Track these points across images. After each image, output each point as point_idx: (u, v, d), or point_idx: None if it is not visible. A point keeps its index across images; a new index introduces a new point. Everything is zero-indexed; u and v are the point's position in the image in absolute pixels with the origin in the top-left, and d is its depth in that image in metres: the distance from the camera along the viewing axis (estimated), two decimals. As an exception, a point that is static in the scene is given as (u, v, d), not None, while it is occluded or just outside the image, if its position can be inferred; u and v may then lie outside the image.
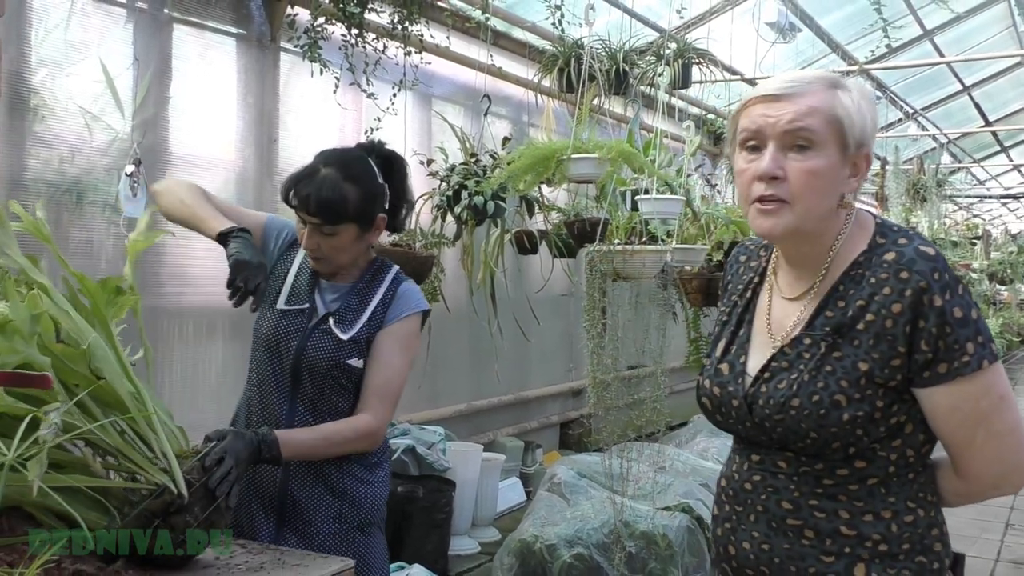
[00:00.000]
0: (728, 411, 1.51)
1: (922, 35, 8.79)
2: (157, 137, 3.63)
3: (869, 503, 1.41)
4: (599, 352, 3.23)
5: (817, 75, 1.44)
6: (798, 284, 1.49)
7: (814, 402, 1.38)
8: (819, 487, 1.42)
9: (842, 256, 1.45)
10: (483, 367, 5.36)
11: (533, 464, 5.91)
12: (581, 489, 4.17)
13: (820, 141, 1.38)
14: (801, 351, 1.43)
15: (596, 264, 3.27)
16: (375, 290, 2.14)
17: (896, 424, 1.40)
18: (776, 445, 1.46)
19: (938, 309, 1.34)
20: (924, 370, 1.36)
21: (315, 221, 2.03)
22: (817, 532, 1.41)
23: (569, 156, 3.07)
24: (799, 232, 1.43)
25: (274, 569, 1.70)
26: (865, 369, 1.37)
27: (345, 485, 2.09)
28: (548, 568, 3.84)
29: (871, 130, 1.43)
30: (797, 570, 1.42)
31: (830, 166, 1.39)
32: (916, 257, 1.36)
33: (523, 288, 5.25)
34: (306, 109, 4.33)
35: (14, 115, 3.14)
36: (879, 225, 1.47)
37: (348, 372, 2.07)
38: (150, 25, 3.60)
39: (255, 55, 4.10)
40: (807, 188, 1.39)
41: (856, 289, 1.41)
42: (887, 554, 1.40)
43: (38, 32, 3.21)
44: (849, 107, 1.40)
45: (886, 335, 1.36)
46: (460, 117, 5.24)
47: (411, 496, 4.22)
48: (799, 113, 1.38)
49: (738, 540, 1.49)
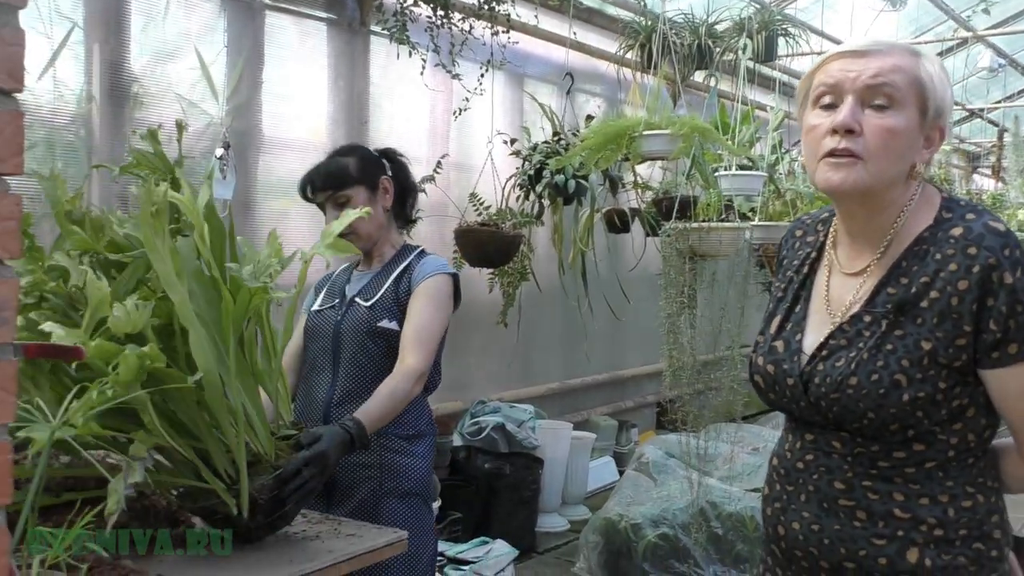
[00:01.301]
0: (783, 389, 1.46)
1: (1051, -3, 8.28)
2: (250, 121, 3.76)
3: (926, 486, 1.36)
4: (675, 332, 3.19)
5: (898, 42, 1.41)
6: (859, 258, 1.44)
7: (873, 381, 1.33)
8: (874, 468, 1.38)
9: (906, 230, 1.39)
10: (576, 346, 5.37)
11: (627, 444, 5.90)
12: (669, 469, 4.14)
13: (901, 100, 1.34)
14: (861, 328, 1.39)
15: (673, 242, 3.22)
16: (399, 264, 2.31)
17: (958, 407, 1.34)
18: (832, 425, 1.41)
19: (1009, 287, 1.28)
20: (993, 350, 1.30)
21: (327, 193, 2.26)
22: (870, 514, 1.37)
23: (641, 133, 3.03)
24: (868, 192, 1.37)
25: (329, 538, 1.76)
26: (928, 348, 1.32)
27: (383, 457, 2.17)
28: (633, 547, 3.83)
29: (949, 104, 1.39)
30: (847, 552, 1.39)
31: (909, 127, 1.35)
32: (985, 232, 1.31)
33: (615, 267, 5.22)
34: (396, 91, 4.40)
35: (114, 103, 3.30)
36: (946, 200, 1.41)
37: (381, 335, 2.20)
38: (244, 13, 3.72)
39: (346, 39, 4.18)
40: (883, 146, 1.34)
41: (920, 265, 1.35)
42: (942, 539, 1.35)
43: (137, 22, 3.36)
44: (933, 74, 1.36)
45: (951, 313, 1.31)
46: (553, 97, 5.23)
47: (499, 472, 4.27)
48: (883, 69, 1.34)
49: (788, 520, 1.46)
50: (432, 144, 4.66)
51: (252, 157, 3.77)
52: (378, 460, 2.17)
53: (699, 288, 3.38)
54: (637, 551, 3.80)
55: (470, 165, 4.66)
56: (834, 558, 1.40)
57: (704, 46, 4.64)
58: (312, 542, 1.73)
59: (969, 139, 11.91)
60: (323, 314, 2.32)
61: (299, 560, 1.64)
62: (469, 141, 4.70)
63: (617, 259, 5.30)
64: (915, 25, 7.89)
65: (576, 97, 5.20)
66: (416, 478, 2.20)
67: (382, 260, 2.34)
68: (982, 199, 9.90)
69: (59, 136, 3.15)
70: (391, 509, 2.10)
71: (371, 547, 1.75)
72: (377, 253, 2.35)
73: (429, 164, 4.36)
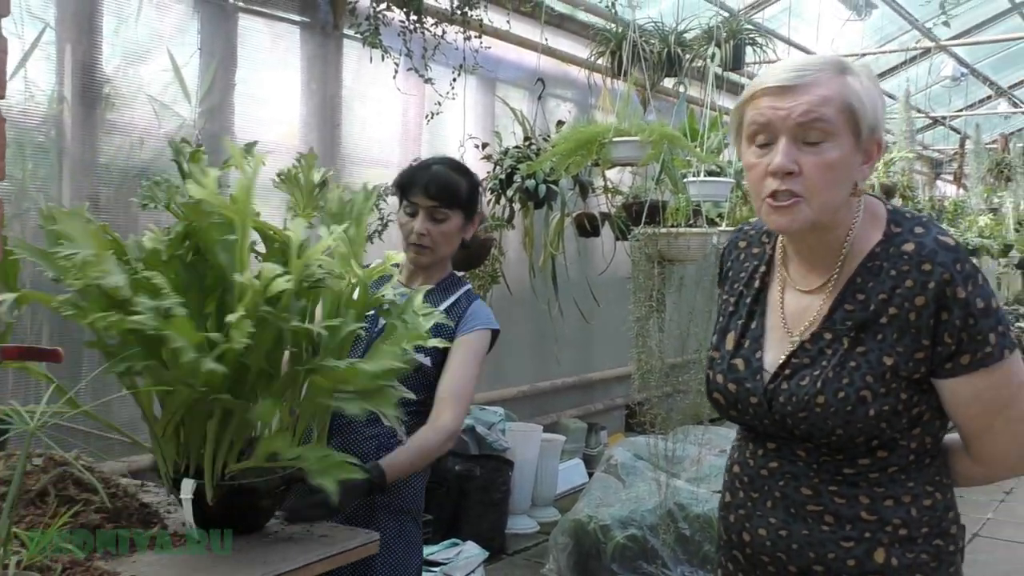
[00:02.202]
0: (746, 407, 1.48)
1: (1010, 8, 8.45)
2: (223, 123, 3.76)
3: (890, 488, 1.41)
4: (644, 336, 3.23)
5: (823, 60, 1.38)
6: (813, 276, 1.46)
7: (840, 399, 1.37)
8: (839, 475, 1.42)
9: (857, 247, 1.42)
10: (546, 349, 5.41)
11: (597, 446, 5.94)
12: (638, 471, 4.18)
13: (835, 131, 1.34)
14: (823, 346, 1.41)
15: (642, 247, 3.26)
16: (446, 297, 2.24)
17: (917, 414, 1.40)
18: (789, 437, 1.44)
19: (962, 301, 1.32)
20: (947, 362, 1.35)
21: (432, 204, 2.19)
22: (837, 518, 1.41)
23: (611, 139, 3.07)
24: (818, 224, 1.39)
25: (302, 540, 1.77)
26: (890, 363, 1.36)
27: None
28: (602, 548, 3.87)
29: (881, 114, 1.39)
30: (816, 555, 1.42)
31: (845, 155, 1.35)
32: (937, 248, 1.34)
33: (585, 271, 5.27)
34: (369, 95, 4.42)
35: (86, 104, 3.29)
36: (891, 213, 1.43)
37: (417, 368, 2.10)
38: (217, 15, 3.72)
39: (319, 42, 4.19)
40: (823, 181, 1.34)
41: (876, 281, 1.38)
42: (907, 538, 1.40)
43: (109, 23, 3.36)
44: (860, 92, 1.36)
45: (910, 328, 1.35)
46: (524, 101, 5.27)
47: (469, 475, 4.30)
48: (812, 104, 1.33)
49: (754, 526, 1.48)
50: (404, 148, 4.68)
51: (224, 159, 3.76)
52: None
53: (668, 292, 3.43)
54: (606, 552, 3.84)
55: (442, 169, 4.67)
56: (803, 562, 1.43)
57: (673, 53, 4.71)
58: (285, 543, 1.75)
59: (932, 146, 12.12)
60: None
61: (272, 561, 1.65)
62: (441, 145, 4.72)
63: (587, 263, 5.35)
64: (880, 34, 8.03)
65: (547, 102, 5.25)
66: (409, 496, 2.18)
67: (428, 280, 2.24)
68: (944, 205, 10.08)
69: (30, 137, 3.14)
70: (382, 524, 2.06)
71: (343, 548, 1.77)
72: (427, 272, 2.28)
73: (401, 168, 4.34)
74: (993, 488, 6.05)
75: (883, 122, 1.41)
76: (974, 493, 5.89)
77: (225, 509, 1.67)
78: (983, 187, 9.69)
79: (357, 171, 4.42)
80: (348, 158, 4.39)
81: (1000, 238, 10.51)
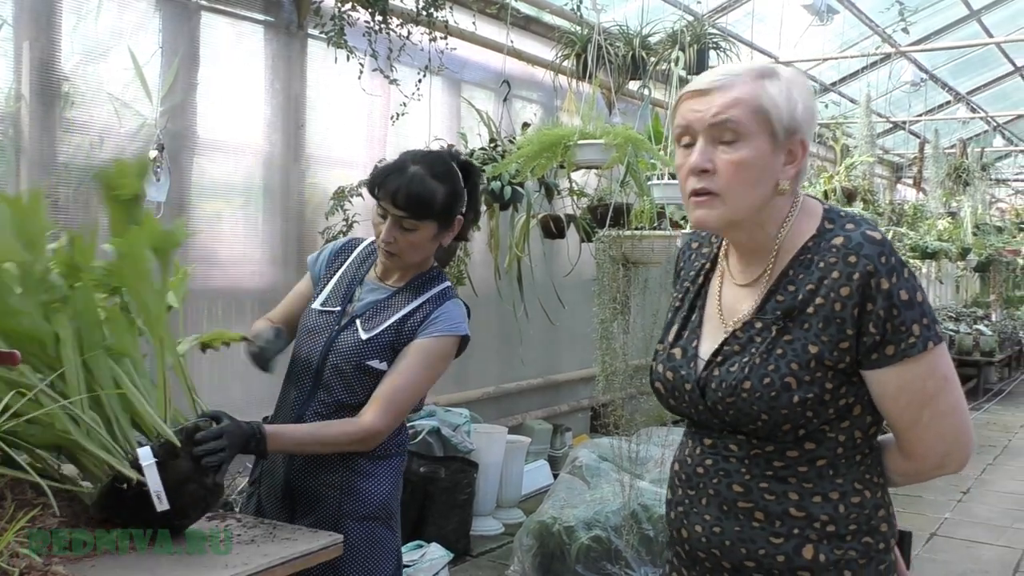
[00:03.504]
0: (682, 395, 1.53)
1: (969, 15, 8.61)
2: (185, 123, 3.72)
3: (818, 484, 1.44)
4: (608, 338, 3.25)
5: (747, 66, 1.46)
6: (749, 271, 1.52)
7: (765, 384, 1.41)
8: (769, 469, 1.45)
9: (790, 242, 1.47)
10: (511, 351, 5.41)
11: (562, 447, 5.96)
12: (602, 472, 4.20)
13: (746, 132, 1.40)
14: (752, 335, 1.46)
15: (606, 249, 3.28)
16: (415, 297, 2.14)
17: (845, 405, 1.43)
18: (728, 428, 1.48)
19: (885, 292, 1.36)
20: (872, 352, 1.39)
21: (400, 214, 2.05)
22: (767, 514, 1.44)
23: (576, 142, 3.08)
24: (733, 222, 1.46)
25: (264, 543, 1.76)
26: (815, 352, 1.40)
27: (345, 477, 2.10)
28: (566, 550, 3.88)
29: (804, 117, 1.44)
30: (747, 552, 1.45)
31: (758, 156, 1.41)
32: (864, 241, 1.39)
33: (550, 272, 5.28)
34: (333, 95, 4.40)
35: (44, 102, 3.24)
36: (827, 211, 1.49)
37: (370, 373, 2.08)
38: (179, 13, 3.69)
39: (283, 42, 4.17)
40: (735, 179, 1.41)
41: (805, 274, 1.43)
42: (835, 534, 1.43)
43: (68, 20, 3.31)
44: (776, 96, 1.41)
45: (835, 318, 1.39)
46: (490, 103, 5.27)
47: (433, 476, 4.29)
48: (723, 105, 1.41)
49: (691, 523, 1.52)
50: (369, 148, 4.66)
51: (186, 159, 3.74)
52: (340, 480, 2.10)
53: (632, 294, 3.45)
54: (570, 554, 3.85)
55: (407, 170, 4.66)
56: (735, 558, 1.47)
57: (638, 57, 4.74)
58: (247, 546, 1.74)
59: (893, 150, 12.31)
60: (322, 319, 2.18)
61: (233, 564, 1.64)
62: (406, 146, 4.64)
63: (552, 264, 5.37)
64: (841, 39, 8.13)
65: (513, 103, 5.26)
66: (376, 503, 2.12)
67: (403, 279, 2.18)
68: (904, 209, 10.24)
69: (-14, 135, 3.09)
70: (349, 530, 2.03)
71: (305, 551, 1.77)
72: (401, 268, 2.19)
73: (366, 169, 4.36)
74: (950, 488, 6.16)
75: (808, 125, 1.45)
76: (931, 493, 6.00)
77: (192, 459, 1.71)
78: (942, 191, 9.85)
79: (321, 172, 4.40)
80: (312, 159, 4.36)
81: (958, 241, 10.70)
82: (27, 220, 1.65)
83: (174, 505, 1.67)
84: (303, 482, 2.12)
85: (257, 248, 4.10)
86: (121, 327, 1.73)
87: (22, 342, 1.65)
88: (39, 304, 1.65)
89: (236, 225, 4.05)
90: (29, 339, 1.66)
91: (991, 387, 10.83)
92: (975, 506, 5.79)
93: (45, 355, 1.68)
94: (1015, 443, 7.81)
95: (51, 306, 1.67)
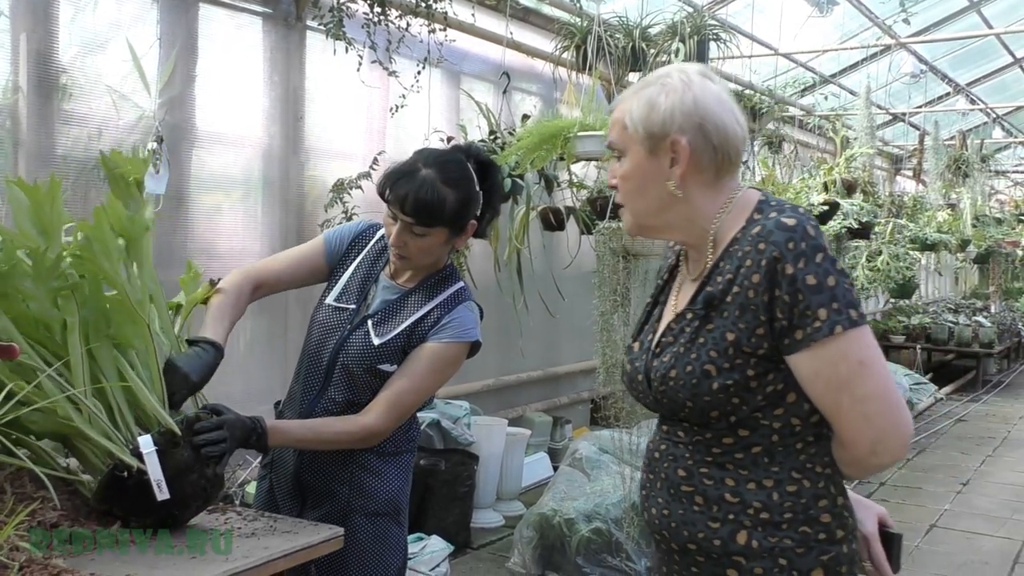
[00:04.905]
0: (636, 386, 1.59)
1: (968, 6, 8.58)
2: (183, 115, 3.71)
3: (753, 472, 1.46)
4: (609, 330, 3.24)
5: (642, 81, 1.55)
6: (696, 266, 1.57)
7: (688, 372, 1.46)
8: (709, 456, 1.49)
9: (722, 235, 1.51)
10: (511, 343, 5.41)
11: (562, 439, 5.96)
12: (602, 464, 4.20)
13: (623, 148, 1.52)
14: (684, 325, 1.51)
15: (606, 241, 3.27)
16: (428, 300, 2.10)
17: (775, 392, 1.44)
18: (668, 415, 1.54)
19: (790, 277, 1.38)
20: (784, 337, 1.41)
21: (409, 220, 1.99)
22: (706, 499, 1.48)
23: (575, 134, 3.07)
24: (644, 227, 1.56)
25: (265, 535, 1.76)
26: (732, 339, 1.43)
27: (354, 474, 2.10)
28: (567, 542, 3.89)
29: (680, 118, 1.46)
30: (689, 534, 1.49)
31: (636, 165, 1.51)
32: (774, 228, 1.41)
33: (550, 265, 5.27)
34: (332, 87, 4.38)
35: (42, 94, 3.23)
36: (761, 202, 1.51)
37: (380, 376, 2.07)
38: (177, 4, 3.67)
39: (281, 33, 4.15)
40: (624, 190, 1.54)
41: (730, 264, 1.47)
42: (768, 522, 1.44)
43: (66, 12, 3.30)
44: (635, 108, 1.49)
45: (749, 305, 1.42)
46: (489, 95, 5.26)
47: (433, 469, 4.29)
48: (609, 129, 1.57)
49: (649, 505, 1.58)
50: (368, 141, 4.65)
51: (185, 151, 3.73)
52: (348, 476, 2.09)
53: (632, 287, 3.44)
54: (571, 546, 3.85)
55: (406, 162, 4.66)
56: (680, 540, 1.51)
57: (638, 48, 4.72)
58: (248, 539, 1.74)
59: (892, 142, 12.29)
60: (335, 315, 2.14)
61: (234, 557, 1.64)
62: (406, 138, 4.70)
63: (552, 257, 5.36)
64: (841, 31, 8.12)
65: (512, 96, 5.24)
66: (385, 499, 2.11)
67: (415, 278, 2.13)
68: (904, 201, 10.23)
69: (-16, 128, 3.08)
70: (358, 525, 2.05)
71: (307, 544, 1.76)
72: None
73: (365, 161, 4.36)
74: (950, 480, 6.17)
75: (684, 125, 1.46)
76: (931, 485, 6.01)
77: (193, 449, 1.72)
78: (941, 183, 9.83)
79: (321, 164, 4.39)
80: (311, 151, 4.35)
81: (958, 233, 10.69)
82: (44, 208, 1.67)
83: (175, 495, 1.66)
84: (313, 476, 2.12)
85: (256, 240, 4.09)
86: (126, 317, 1.73)
87: (30, 327, 1.66)
88: (50, 290, 1.67)
89: (235, 217, 4.04)
90: (37, 324, 1.68)
91: (990, 378, 10.84)
92: (975, 497, 5.79)
93: (52, 342, 1.69)
94: (1014, 434, 7.81)
95: (61, 293, 1.68)
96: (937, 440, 7.54)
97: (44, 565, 1.46)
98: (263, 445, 1.88)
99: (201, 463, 1.72)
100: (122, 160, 1.84)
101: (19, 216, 1.68)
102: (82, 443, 1.70)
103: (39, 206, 1.67)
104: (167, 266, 2.86)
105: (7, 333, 1.60)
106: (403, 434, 2.15)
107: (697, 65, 1.57)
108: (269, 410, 2.26)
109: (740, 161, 1.54)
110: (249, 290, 2.12)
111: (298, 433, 2.00)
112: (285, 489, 2.16)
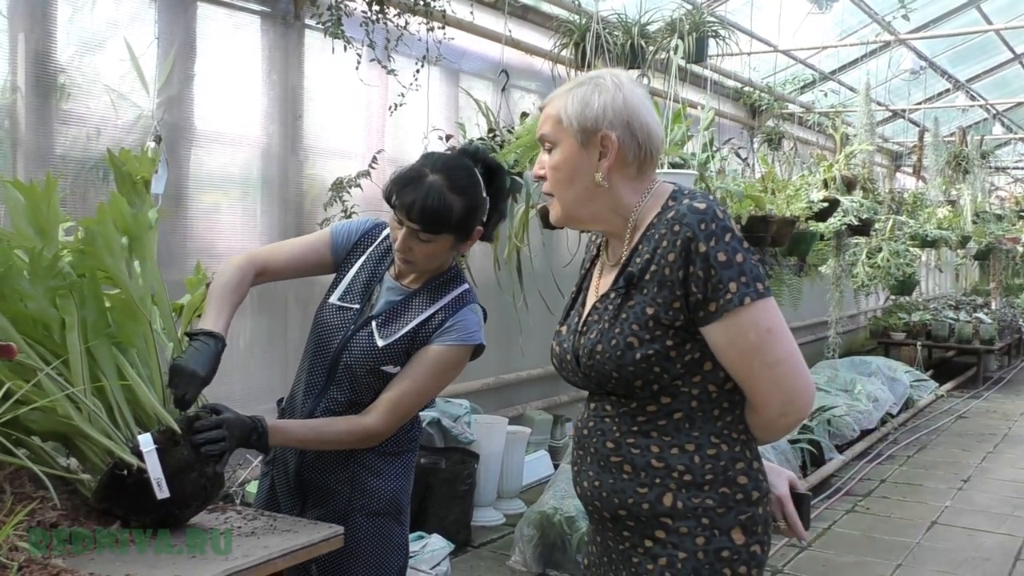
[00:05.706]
0: (565, 366, 1.71)
1: (968, 2, 8.57)
2: (182, 114, 3.71)
3: (675, 437, 1.58)
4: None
5: (574, 81, 1.66)
6: (615, 253, 1.68)
7: (612, 345, 1.58)
8: (635, 425, 1.60)
9: (640, 223, 1.63)
10: (511, 341, 5.41)
11: (562, 437, 5.95)
12: (603, 462, 4.20)
13: (555, 140, 1.63)
14: (608, 304, 1.63)
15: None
16: (432, 303, 2.10)
17: (692, 360, 1.57)
18: (596, 389, 1.65)
19: (703, 255, 1.51)
20: (699, 310, 1.53)
21: (415, 227, 1.99)
22: (634, 467, 1.59)
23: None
24: (572, 218, 1.66)
25: (264, 534, 1.76)
26: (652, 313, 1.56)
27: (355, 473, 2.10)
28: (567, 540, 3.89)
29: (611, 115, 1.59)
30: (619, 502, 1.61)
31: (566, 157, 1.62)
32: (687, 212, 1.55)
33: (550, 262, 5.27)
34: (331, 86, 4.38)
35: (40, 93, 3.23)
36: (674, 192, 1.64)
37: (383, 377, 2.07)
38: (175, 4, 3.67)
39: (280, 32, 4.15)
40: (553, 180, 1.64)
41: (647, 246, 1.60)
42: (691, 483, 1.57)
43: (64, 11, 3.29)
44: (569, 105, 1.60)
45: (666, 282, 1.54)
46: (488, 93, 5.26)
47: (434, 467, 4.28)
48: (541, 123, 1.67)
49: (580, 479, 1.69)
50: (367, 139, 4.65)
51: (184, 151, 3.73)
52: (349, 476, 2.09)
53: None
54: (571, 544, 3.85)
55: (406, 160, 4.60)
56: (611, 508, 1.62)
57: (637, 45, 4.72)
58: (247, 538, 1.74)
59: (892, 139, 12.28)
60: (339, 315, 2.14)
61: (233, 556, 1.64)
62: (405, 136, 4.69)
63: (552, 254, 5.36)
64: (841, 27, 8.11)
65: (511, 93, 5.24)
66: (386, 499, 2.11)
67: (419, 280, 2.13)
68: (904, 197, 10.22)
69: (-18, 128, 3.08)
70: (359, 524, 2.05)
71: (307, 543, 1.76)
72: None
73: (364, 159, 4.36)
74: (951, 476, 6.16)
75: (615, 122, 1.58)
76: (932, 481, 6.01)
77: (193, 448, 1.73)
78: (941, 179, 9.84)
79: (320, 163, 4.39)
80: (310, 149, 4.35)
81: (958, 229, 10.69)
82: (40, 207, 1.68)
83: (174, 494, 1.66)
84: (314, 476, 2.12)
85: (255, 240, 4.09)
86: (127, 314, 1.73)
87: (29, 326, 1.67)
88: (48, 290, 1.68)
89: (234, 217, 4.04)
90: (36, 323, 1.69)
91: (991, 375, 10.83)
92: (975, 494, 5.79)
93: (51, 341, 1.70)
94: (1015, 431, 7.81)
95: (59, 292, 1.68)
96: (938, 437, 7.54)
97: (43, 565, 1.46)
98: (264, 445, 1.88)
99: (201, 462, 1.72)
100: (129, 158, 1.84)
101: (16, 216, 1.68)
102: (82, 442, 1.70)
103: (35, 205, 1.68)
104: (166, 266, 2.84)
105: (5, 333, 1.61)
106: (405, 434, 2.15)
107: (626, 71, 1.72)
108: (270, 409, 2.26)
109: (659, 158, 1.67)
110: (252, 275, 2.11)
111: (299, 433, 2.01)
112: (286, 488, 2.16)
